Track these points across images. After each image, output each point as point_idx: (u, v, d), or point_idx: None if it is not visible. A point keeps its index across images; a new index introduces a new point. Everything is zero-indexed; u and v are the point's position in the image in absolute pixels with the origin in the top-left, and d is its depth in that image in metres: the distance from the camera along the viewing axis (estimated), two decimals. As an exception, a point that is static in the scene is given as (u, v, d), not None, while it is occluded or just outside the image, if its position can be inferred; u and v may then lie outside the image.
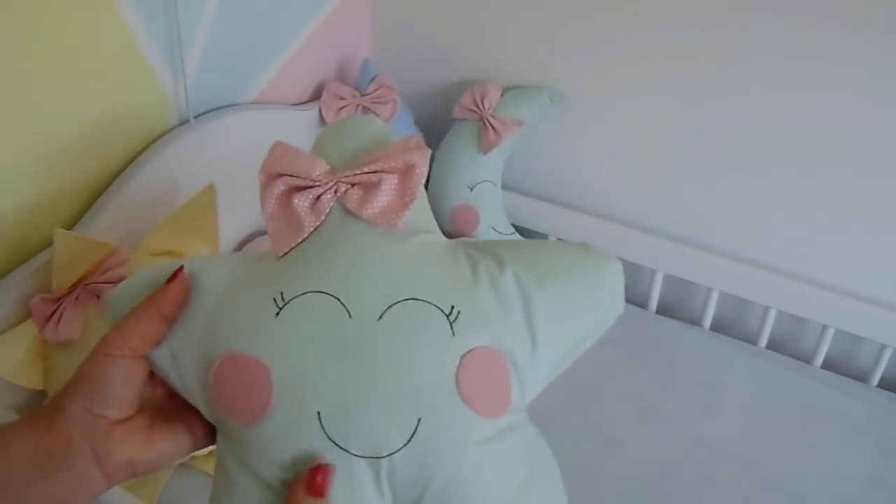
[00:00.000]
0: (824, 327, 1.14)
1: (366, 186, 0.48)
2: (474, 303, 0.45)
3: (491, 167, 1.25)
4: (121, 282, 0.50)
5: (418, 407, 0.43)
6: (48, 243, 0.85)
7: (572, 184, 1.30)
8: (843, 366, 1.20)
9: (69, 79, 0.86)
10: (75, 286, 0.82)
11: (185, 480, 0.89)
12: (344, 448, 0.42)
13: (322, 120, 1.23)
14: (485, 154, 1.22)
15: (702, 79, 1.11)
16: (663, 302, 1.30)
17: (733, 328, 1.27)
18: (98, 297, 0.82)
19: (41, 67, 0.82)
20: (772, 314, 1.17)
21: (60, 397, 0.44)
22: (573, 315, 0.48)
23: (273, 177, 0.49)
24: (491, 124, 1.20)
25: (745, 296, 1.18)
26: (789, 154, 1.10)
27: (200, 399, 0.46)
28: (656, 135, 1.19)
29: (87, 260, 0.82)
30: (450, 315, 0.44)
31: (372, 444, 0.42)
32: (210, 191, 0.91)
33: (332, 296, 0.44)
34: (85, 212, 0.90)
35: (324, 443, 0.42)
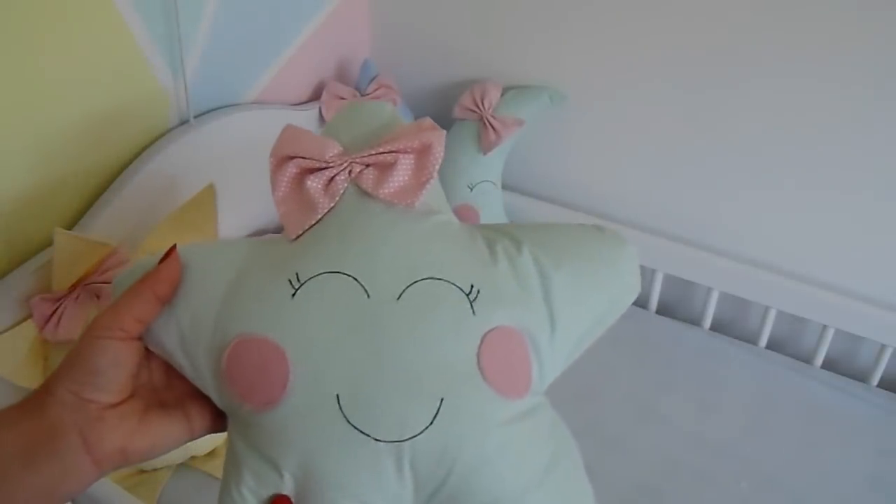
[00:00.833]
0: (824, 327, 1.14)
1: (381, 167, 0.47)
2: (494, 282, 0.45)
3: (491, 167, 1.25)
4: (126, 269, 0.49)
5: (441, 387, 0.41)
6: (48, 243, 0.85)
7: (572, 184, 1.30)
8: (843, 366, 1.19)
9: (69, 79, 0.86)
10: (75, 286, 0.82)
11: (185, 480, 0.89)
12: (364, 432, 0.41)
13: (322, 120, 1.23)
14: (485, 154, 1.22)
15: (702, 79, 1.11)
16: (663, 302, 1.30)
17: (733, 328, 1.27)
18: (98, 297, 0.82)
19: (41, 68, 0.82)
20: (772, 314, 1.17)
21: (49, 382, 0.43)
22: (590, 296, 0.47)
23: (284, 159, 0.48)
24: (491, 124, 1.20)
25: (745, 296, 1.18)
26: (789, 154, 1.10)
27: (211, 383, 0.45)
28: (656, 135, 1.19)
29: (87, 260, 0.82)
30: (470, 294, 0.43)
31: (393, 427, 0.41)
32: (210, 191, 0.91)
33: (349, 276, 0.43)
34: (85, 212, 0.90)
35: (343, 426, 0.41)
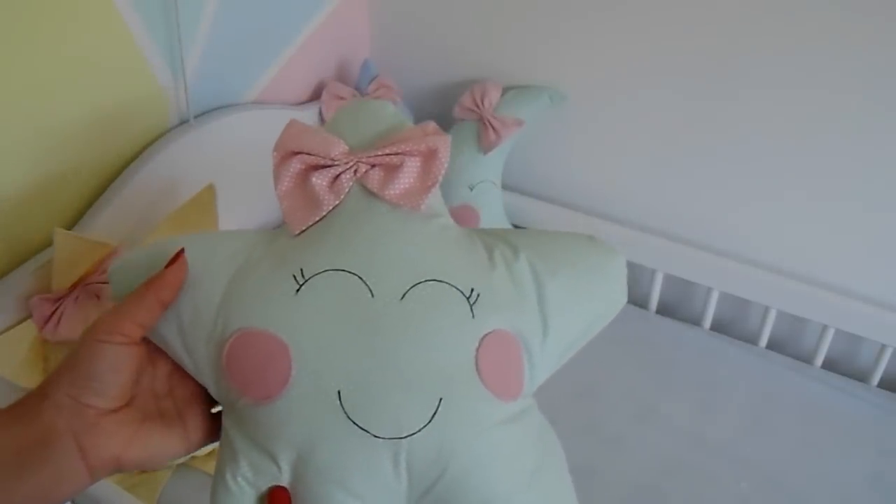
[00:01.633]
0: (824, 327, 1.14)
1: (387, 168, 0.48)
2: (492, 286, 0.46)
3: (491, 167, 1.25)
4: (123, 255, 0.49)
5: (439, 387, 0.42)
6: (48, 243, 0.85)
7: (572, 184, 1.30)
8: (843, 366, 1.19)
9: (69, 79, 0.86)
10: (75, 286, 0.82)
11: (185, 480, 0.89)
12: (364, 428, 0.42)
13: (322, 120, 1.23)
14: (485, 154, 1.22)
15: (702, 79, 1.11)
16: (663, 302, 1.30)
17: (733, 328, 1.27)
18: (98, 297, 0.82)
19: (41, 68, 0.82)
20: (772, 314, 1.17)
21: (46, 385, 0.42)
22: (581, 304, 0.48)
23: (289, 154, 0.49)
24: (491, 124, 1.20)
25: (745, 296, 1.18)
26: (790, 154, 1.10)
27: (209, 374, 0.45)
28: (656, 135, 1.19)
29: (87, 260, 0.82)
30: (470, 297, 0.44)
31: (392, 424, 0.42)
32: (210, 191, 0.91)
33: (353, 274, 0.44)
34: (85, 212, 0.90)
35: (342, 422, 0.42)
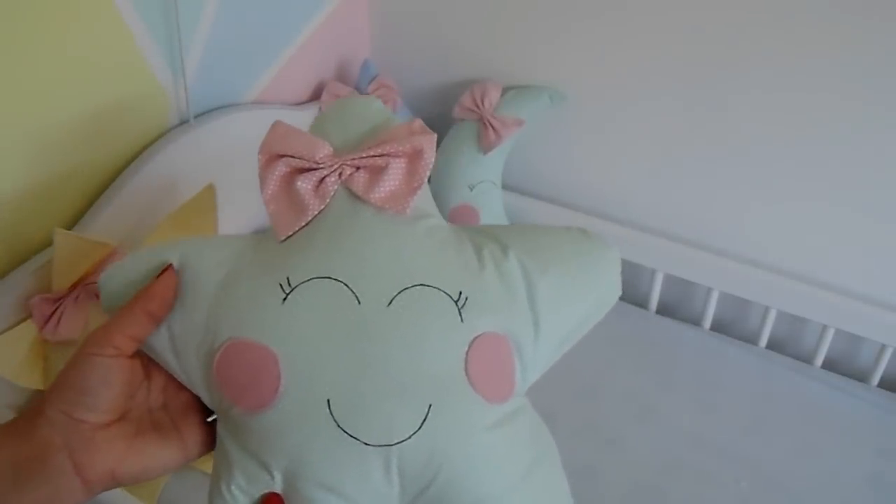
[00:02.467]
0: (824, 327, 1.14)
1: (372, 170, 0.47)
2: (481, 288, 0.45)
3: (491, 167, 1.24)
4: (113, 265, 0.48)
5: (429, 393, 0.42)
6: (48, 243, 0.85)
7: (572, 184, 1.30)
8: (843, 366, 1.19)
9: (69, 78, 0.86)
10: (75, 286, 0.82)
11: (185, 480, 0.89)
12: (354, 436, 0.42)
13: (322, 120, 1.23)
14: (485, 154, 1.22)
15: (702, 79, 1.11)
16: (663, 302, 1.30)
17: (733, 328, 1.27)
18: (98, 297, 0.82)
19: (40, 68, 0.82)
20: (772, 314, 1.17)
21: (42, 402, 0.42)
22: (573, 300, 0.48)
23: (274, 157, 0.48)
24: (491, 124, 1.20)
25: (745, 296, 1.18)
26: (789, 154, 1.10)
27: (201, 384, 0.45)
28: (657, 135, 1.19)
29: (87, 260, 0.82)
30: (458, 301, 0.44)
31: (382, 432, 0.42)
32: (210, 191, 0.91)
33: (340, 281, 0.44)
34: (85, 212, 0.90)
35: (332, 430, 0.42)
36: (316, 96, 1.25)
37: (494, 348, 0.45)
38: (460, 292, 0.44)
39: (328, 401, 0.42)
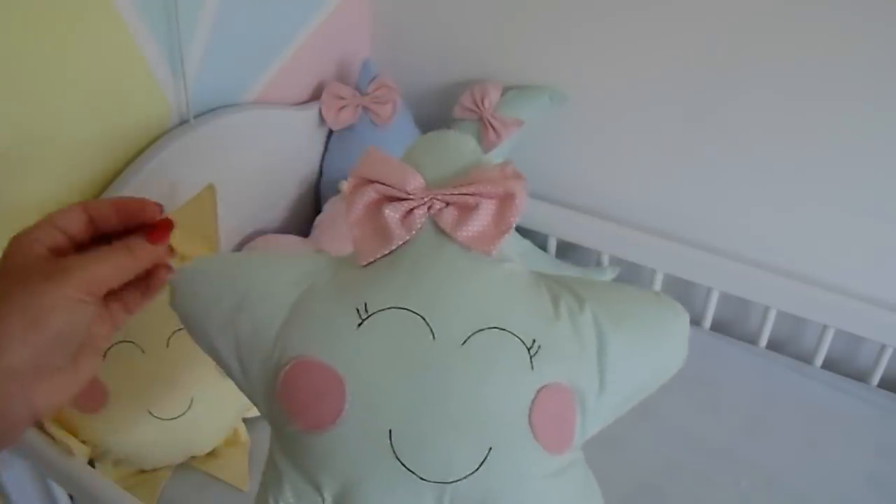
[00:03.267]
0: (824, 327, 1.14)
1: (462, 208, 0.47)
2: (554, 338, 0.45)
3: (491, 167, 1.24)
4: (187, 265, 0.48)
5: (491, 436, 0.42)
6: (48, 243, 0.85)
7: (572, 184, 1.30)
8: (843, 366, 1.19)
9: (69, 79, 0.86)
10: (75, 286, 0.82)
11: (185, 480, 0.89)
12: (411, 470, 0.42)
13: (322, 120, 1.23)
14: (485, 154, 1.22)
15: (702, 79, 1.11)
16: (663, 302, 1.30)
17: (733, 328, 1.27)
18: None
19: (41, 68, 0.82)
20: (772, 314, 1.17)
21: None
22: (640, 361, 0.49)
23: (364, 182, 0.48)
24: (491, 124, 1.20)
25: (745, 296, 1.18)
26: (790, 154, 1.10)
27: (261, 396, 0.45)
28: (656, 135, 1.19)
29: (87, 260, 0.82)
30: (531, 349, 0.44)
31: (440, 468, 0.42)
32: (210, 191, 0.91)
33: (417, 314, 0.44)
34: (85, 212, 0.90)
35: (390, 461, 0.42)
36: (316, 96, 1.25)
37: (560, 399, 0.45)
38: (534, 340, 0.45)
39: (390, 431, 0.42)
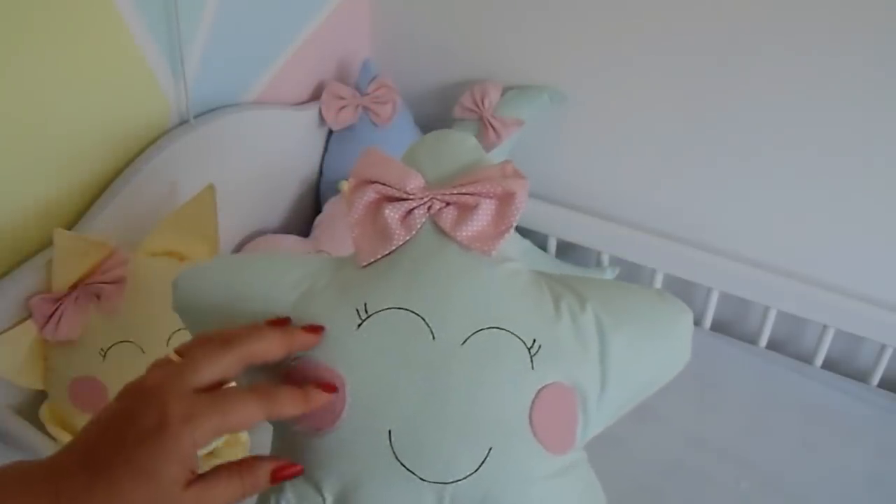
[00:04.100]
0: (824, 327, 1.14)
1: (461, 207, 0.47)
2: (555, 338, 0.45)
3: (491, 167, 1.24)
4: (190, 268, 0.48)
5: (491, 436, 0.42)
6: (48, 243, 0.85)
7: (572, 184, 1.30)
8: (843, 366, 1.19)
9: (69, 79, 0.86)
10: (75, 286, 0.82)
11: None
12: (410, 470, 0.42)
13: (322, 120, 1.23)
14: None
15: (702, 79, 1.11)
16: (663, 302, 1.30)
17: (733, 328, 1.27)
18: (98, 297, 0.82)
19: (41, 68, 0.82)
20: (772, 314, 1.17)
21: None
22: (643, 360, 0.48)
23: (364, 183, 0.48)
24: (491, 124, 1.20)
25: (745, 296, 1.18)
26: (789, 154, 1.10)
27: None
28: (656, 135, 1.19)
29: (86, 260, 0.82)
30: (531, 348, 0.44)
31: (440, 469, 0.42)
32: (210, 191, 0.91)
33: (417, 314, 0.44)
34: (85, 212, 0.90)
35: (390, 462, 0.42)
36: (316, 96, 1.25)
37: (561, 399, 0.45)
38: (534, 340, 0.44)
39: (389, 431, 0.42)
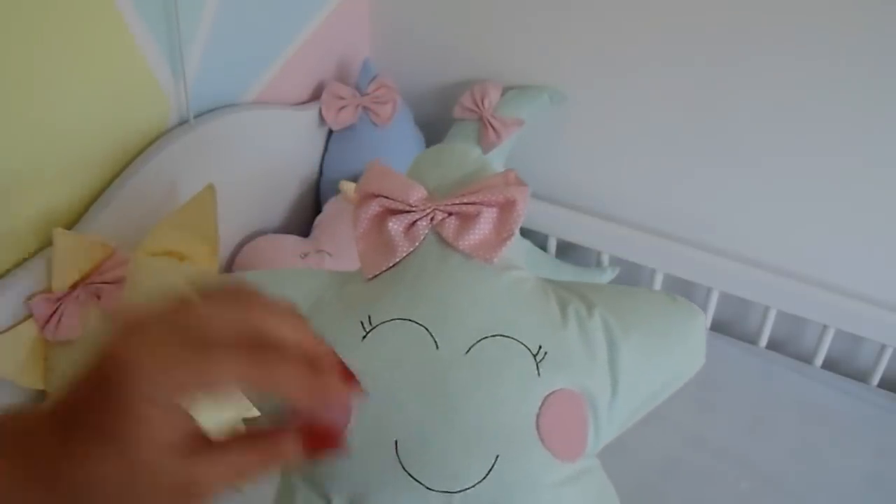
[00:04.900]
0: (824, 327, 1.14)
1: (463, 217, 0.47)
2: (562, 344, 0.45)
3: (491, 167, 1.24)
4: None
5: (497, 444, 0.42)
6: (48, 243, 0.85)
7: (572, 184, 1.30)
8: (843, 366, 1.19)
9: (70, 79, 0.86)
10: (75, 286, 0.82)
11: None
12: (418, 480, 0.42)
13: (322, 120, 1.23)
14: (485, 154, 1.22)
15: (702, 79, 1.11)
16: (663, 302, 1.29)
17: (733, 328, 1.27)
18: (98, 297, 0.82)
19: (42, 68, 0.82)
20: (772, 314, 1.17)
21: None
22: (655, 365, 0.48)
23: (368, 196, 0.49)
24: (491, 124, 1.20)
25: (745, 296, 1.18)
26: (789, 154, 1.10)
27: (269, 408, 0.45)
28: (656, 135, 1.19)
29: (86, 260, 0.82)
30: (537, 355, 0.44)
31: (447, 477, 0.42)
32: (210, 191, 0.91)
33: (420, 325, 0.44)
34: (85, 212, 0.90)
35: (397, 471, 0.42)
36: (316, 96, 1.25)
37: (569, 405, 0.45)
38: (540, 346, 0.44)
39: (395, 442, 0.42)
